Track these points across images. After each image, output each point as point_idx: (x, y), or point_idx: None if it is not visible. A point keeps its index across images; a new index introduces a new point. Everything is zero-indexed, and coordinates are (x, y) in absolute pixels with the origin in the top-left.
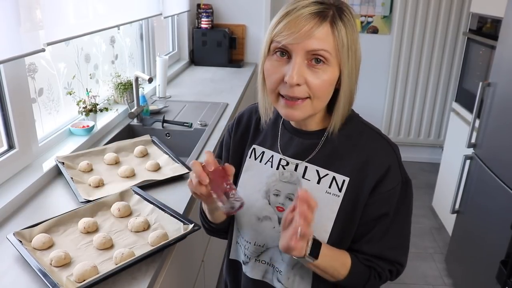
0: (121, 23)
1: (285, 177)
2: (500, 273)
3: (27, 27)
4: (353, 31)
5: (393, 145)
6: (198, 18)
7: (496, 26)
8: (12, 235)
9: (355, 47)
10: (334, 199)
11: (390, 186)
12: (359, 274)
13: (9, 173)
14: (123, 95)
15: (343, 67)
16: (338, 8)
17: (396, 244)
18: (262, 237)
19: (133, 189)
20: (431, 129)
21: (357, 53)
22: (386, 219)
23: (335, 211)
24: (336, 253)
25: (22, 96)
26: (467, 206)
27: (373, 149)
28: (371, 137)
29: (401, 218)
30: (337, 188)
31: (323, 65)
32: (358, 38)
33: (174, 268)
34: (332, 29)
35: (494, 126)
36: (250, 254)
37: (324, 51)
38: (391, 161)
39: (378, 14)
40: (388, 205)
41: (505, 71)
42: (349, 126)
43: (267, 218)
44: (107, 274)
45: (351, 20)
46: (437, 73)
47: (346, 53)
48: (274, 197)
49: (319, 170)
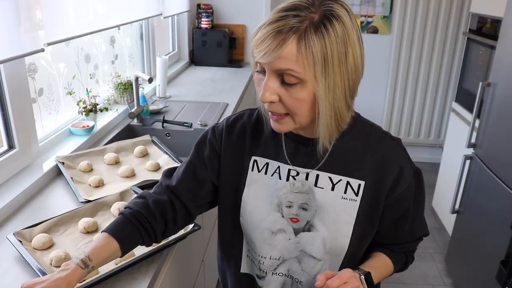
0: (121, 23)
1: (297, 187)
2: (500, 273)
3: (27, 27)
4: (338, 41)
5: (399, 142)
6: (198, 18)
7: (496, 26)
8: (12, 235)
9: (342, 57)
10: (351, 204)
11: (406, 184)
12: (400, 263)
13: (9, 173)
14: (123, 95)
15: (317, 83)
16: (322, 15)
17: (420, 224)
18: (277, 250)
19: (133, 189)
20: (431, 129)
21: (348, 63)
22: (409, 213)
23: (353, 216)
24: (379, 264)
25: (22, 96)
26: (467, 206)
27: (385, 150)
28: (379, 137)
29: (420, 204)
30: (354, 192)
31: (296, 84)
32: (351, 46)
33: (174, 268)
34: (299, 46)
35: (494, 126)
36: (266, 269)
37: (291, 70)
38: (403, 159)
39: (378, 14)
40: (408, 201)
41: (505, 71)
42: (355, 129)
43: (282, 230)
44: (107, 274)
45: (338, 28)
46: (437, 73)
47: (322, 68)
48: (287, 209)
49: (331, 176)
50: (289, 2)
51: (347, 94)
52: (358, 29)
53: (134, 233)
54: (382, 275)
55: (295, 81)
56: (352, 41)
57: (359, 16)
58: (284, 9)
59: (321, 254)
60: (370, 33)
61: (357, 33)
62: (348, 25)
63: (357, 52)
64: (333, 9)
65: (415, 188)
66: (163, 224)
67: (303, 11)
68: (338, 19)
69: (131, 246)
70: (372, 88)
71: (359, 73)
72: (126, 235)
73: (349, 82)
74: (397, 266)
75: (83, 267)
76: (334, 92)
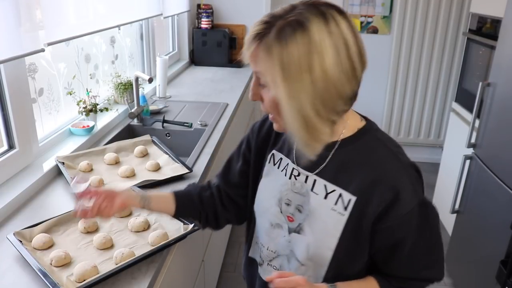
0: (122, 23)
1: (296, 187)
2: (500, 273)
3: (27, 27)
4: (299, 49)
5: (407, 167)
6: (198, 18)
7: (496, 26)
8: (12, 235)
9: (304, 65)
10: (338, 217)
11: (403, 212)
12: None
13: (9, 173)
14: (123, 95)
15: (277, 88)
16: (287, 23)
17: (429, 262)
18: (274, 243)
19: (133, 189)
20: (431, 129)
21: (314, 71)
22: (405, 244)
23: (339, 230)
24: (361, 286)
25: (22, 96)
26: (467, 206)
27: (383, 170)
28: (382, 156)
29: (427, 240)
30: (343, 206)
31: (265, 87)
32: (319, 54)
33: (174, 268)
34: (260, 50)
35: (494, 126)
36: (264, 258)
37: (257, 72)
38: (401, 185)
39: (378, 14)
40: (403, 231)
41: (505, 71)
42: (361, 140)
43: (279, 226)
44: (107, 274)
45: (299, 37)
46: (437, 73)
47: (281, 74)
48: (285, 206)
49: (326, 185)
50: (274, 10)
51: (316, 103)
52: (341, 37)
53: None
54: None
55: (263, 83)
56: (322, 50)
57: (359, 16)
58: (265, 16)
59: (304, 259)
60: (370, 33)
61: (336, 41)
62: (314, 33)
63: (330, 61)
64: (302, 17)
65: (418, 221)
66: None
67: (276, 19)
68: (303, 28)
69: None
70: (372, 88)
71: (333, 83)
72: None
73: (318, 91)
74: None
75: (142, 202)
76: (297, 100)
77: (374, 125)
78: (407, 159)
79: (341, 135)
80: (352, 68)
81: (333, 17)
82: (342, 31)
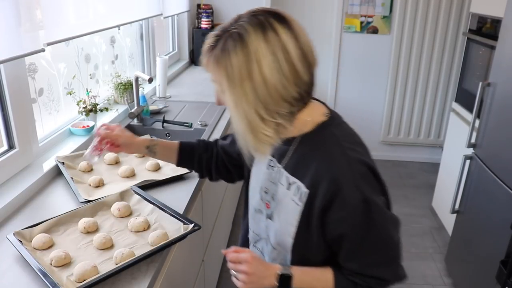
0: (121, 23)
1: (272, 177)
2: (500, 273)
3: (27, 27)
4: (239, 60)
5: (353, 163)
6: (198, 18)
7: (496, 26)
8: (12, 235)
9: (244, 74)
10: (296, 207)
11: (345, 207)
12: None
13: (9, 173)
14: (123, 95)
15: (225, 96)
16: (229, 35)
17: (374, 261)
18: (257, 227)
19: (133, 189)
20: (431, 129)
21: (254, 79)
22: (349, 240)
23: (297, 219)
24: (316, 274)
25: (22, 96)
26: (467, 206)
27: (329, 166)
28: (331, 151)
29: (373, 238)
30: (299, 198)
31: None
32: (257, 63)
33: (174, 268)
34: (211, 62)
35: (494, 126)
36: (251, 239)
37: (213, 81)
38: (343, 180)
39: (378, 14)
40: (347, 225)
41: (505, 71)
42: (318, 136)
43: (260, 211)
44: (107, 274)
45: (238, 48)
46: (437, 73)
47: (227, 83)
48: (264, 194)
49: (288, 177)
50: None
51: (259, 107)
52: (279, 44)
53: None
54: (314, 285)
55: (219, 90)
56: (260, 58)
57: (359, 16)
58: (217, 29)
59: (275, 244)
60: (370, 33)
61: (273, 48)
62: (252, 43)
63: (269, 68)
64: (241, 29)
65: (362, 217)
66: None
67: (224, 32)
68: (241, 39)
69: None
70: (372, 88)
71: (274, 88)
72: (187, 150)
73: (259, 97)
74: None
75: (148, 146)
76: (241, 106)
77: (336, 120)
78: (358, 155)
79: (300, 131)
80: (294, 71)
81: (271, 26)
82: (281, 38)
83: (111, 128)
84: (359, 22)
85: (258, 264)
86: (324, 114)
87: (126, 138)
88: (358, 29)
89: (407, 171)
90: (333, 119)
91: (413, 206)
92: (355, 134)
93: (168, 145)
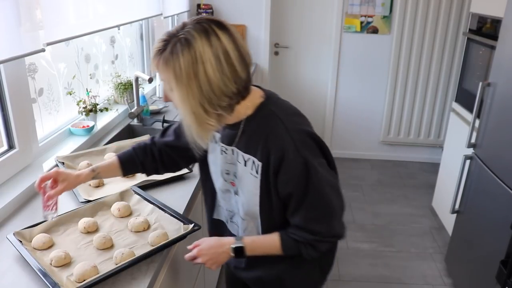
0: (121, 23)
1: (228, 159)
2: (500, 273)
3: (27, 27)
4: (185, 62)
5: (292, 132)
6: None
7: (496, 26)
8: (12, 235)
9: (191, 74)
10: (255, 179)
11: (288, 172)
12: (291, 247)
13: (9, 173)
14: (123, 95)
15: (174, 93)
16: (178, 40)
17: (314, 216)
18: (229, 204)
19: (133, 189)
20: (431, 129)
21: (200, 78)
22: (295, 197)
23: (258, 189)
24: (265, 241)
25: (22, 96)
26: (467, 206)
27: (274, 137)
28: (272, 125)
29: (312, 196)
30: (255, 170)
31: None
32: (203, 64)
33: (174, 268)
34: (160, 64)
35: (494, 126)
36: (226, 217)
37: (162, 80)
38: (286, 147)
39: (378, 14)
40: (290, 187)
41: (505, 71)
42: (260, 115)
43: (228, 191)
44: (107, 274)
45: (185, 52)
46: (437, 73)
47: (175, 82)
48: (226, 175)
49: (243, 155)
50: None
51: (203, 102)
52: (221, 48)
53: (132, 163)
54: (265, 250)
55: (168, 88)
56: (205, 60)
57: (359, 16)
58: (164, 35)
59: (244, 215)
60: (370, 33)
61: (216, 52)
62: (198, 47)
63: (212, 69)
64: (189, 35)
65: (303, 177)
66: (154, 163)
67: (171, 37)
68: (189, 44)
69: (129, 171)
70: (372, 88)
71: (217, 85)
72: (127, 160)
73: (203, 93)
74: (286, 250)
75: (91, 171)
76: (188, 102)
77: (272, 99)
78: (297, 125)
79: (244, 115)
80: (233, 71)
81: (214, 32)
82: (222, 42)
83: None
84: (359, 22)
85: (209, 249)
86: (261, 96)
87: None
88: (358, 29)
89: (407, 171)
90: (269, 98)
91: (413, 206)
92: (291, 107)
93: (109, 167)
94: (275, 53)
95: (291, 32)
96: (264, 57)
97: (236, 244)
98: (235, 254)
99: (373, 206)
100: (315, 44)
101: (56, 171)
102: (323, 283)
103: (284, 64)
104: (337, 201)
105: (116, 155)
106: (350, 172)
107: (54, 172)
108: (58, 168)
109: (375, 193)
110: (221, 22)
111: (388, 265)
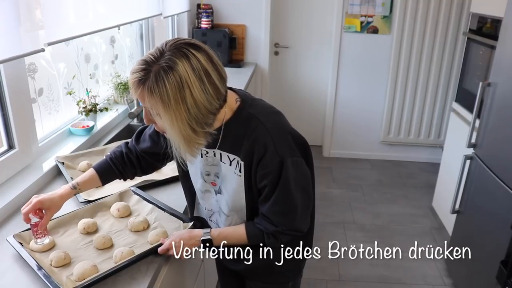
0: (121, 23)
1: (210, 161)
2: (500, 273)
3: (27, 27)
4: (172, 88)
5: (271, 131)
6: (198, 18)
7: (496, 26)
8: (12, 237)
9: (178, 99)
10: (239, 178)
11: (265, 168)
12: (256, 236)
13: (9, 173)
14: (123, 95)
15: (161, 119)
16: (160, 68)
17: (278, 210)
18: (208, 204)
19: (133, 189)
20: (431, 129)
21: (187, 101)
22: (267, 190)
23: (242, 186)
24: (233, 232)
25: (22, 96)
26: (467, 206)
27: (255, 137)
28: (253, 126)
29: (282, 191)
30: (239, 169)
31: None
32: (189, 87)
33: (174, 268)
34: (145, 93)
35: (494, 126)
36: (206, 215)
37: (145, 107)
38: (267, 144)
39: (378, 14)
40: (265, 180)
41: (505, 71)
42: (239, 118)
43: (208, 191)
44: (107, 273)
45: (171, 78)
46: (437, 73)
47: (163, 108)
48: (207, 176)
49: (228, 155)
50: (145, 55)
51: (192, 123)
52: (202, 69)
53: (111, 172)
54: (232, 241)
55: (153, 114)
56: (191, 83)
57: (359, 16)
58: (139, 63)
59: (228, 212)
60: (370, 33)
61: (199, 74)
62: (182, 73)
63: (198, 90)
64: (171, 62)
65: (277, 173)
66: (133, 169)
67: (150, 65)
68: (173, 70)
69: (108, 181)
70: (372, 88)
71: (203, 105)
72: (105, 171)
73: (191, 115)
74: (251, 239)
75: (73, 188)
76: (177, 125)
77: (248, 101)
78: (275, 124)
79: (223, 120)
80: (215, 88)
81: (193, 54)
82: (202, 64)
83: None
84: (359, 22)
85: (180, 241)
86: (236, 100)
87: (53, 204)
88: (358, 29)
89: (407, 171)
90: (245, 101)
91: (413, 206)
92: (267, 106)
93: (88, 180)
94: (275, 53)
95: (291, 32)
96: (264, 57)
97: (204, 237)
98: (204, 245)
99: (373, 206)
100: (315, 44)
101: (38, 201)
102: (304, 262)
103: (284, 64)
104: (302, 199)
105: (92, 167)
106: (350, 172)
107: (37, 202)
108: (38, 196)
109: (375, 193)
110: (195, 43)
111: (388, 265)
